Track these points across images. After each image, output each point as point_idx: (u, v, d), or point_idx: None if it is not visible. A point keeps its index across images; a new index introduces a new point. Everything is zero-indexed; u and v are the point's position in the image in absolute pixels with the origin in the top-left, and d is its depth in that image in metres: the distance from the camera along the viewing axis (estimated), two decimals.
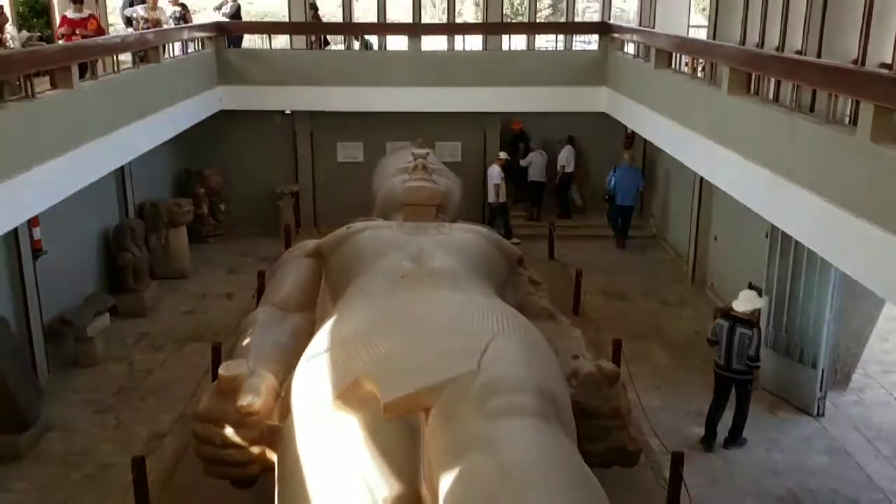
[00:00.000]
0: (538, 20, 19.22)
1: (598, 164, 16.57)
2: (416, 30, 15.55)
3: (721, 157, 8.81)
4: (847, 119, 6.85)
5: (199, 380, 9.18)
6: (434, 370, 4.95)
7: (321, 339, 5.98)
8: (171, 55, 12.39)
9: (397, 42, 16.31)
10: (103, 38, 10.81)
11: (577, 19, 19.04)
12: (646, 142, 15.78)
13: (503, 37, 15.98)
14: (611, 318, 12.04)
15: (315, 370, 5.64)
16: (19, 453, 8.39)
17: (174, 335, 11.47)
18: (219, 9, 15.60)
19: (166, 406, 9.44)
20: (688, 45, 11.30)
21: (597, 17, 19.85)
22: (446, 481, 4.08)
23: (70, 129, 8.44)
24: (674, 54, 11.49)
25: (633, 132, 15.74)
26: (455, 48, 15.88)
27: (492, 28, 16.27)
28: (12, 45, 9.32)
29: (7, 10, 11.48)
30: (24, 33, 9.63)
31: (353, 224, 8.80)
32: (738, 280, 11.69)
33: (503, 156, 15.68)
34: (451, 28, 16.88)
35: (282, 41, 16.80)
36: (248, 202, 16.11)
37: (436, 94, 14.74)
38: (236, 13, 15.74)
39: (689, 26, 16.02)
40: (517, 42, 16.47)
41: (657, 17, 16.21)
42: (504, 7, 17.19)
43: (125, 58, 10.98)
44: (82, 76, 9.08)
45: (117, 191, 12.67)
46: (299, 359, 6.06)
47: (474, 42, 16.68)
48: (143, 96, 10.68)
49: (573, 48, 17.11)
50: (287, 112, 15.74)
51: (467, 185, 12.42)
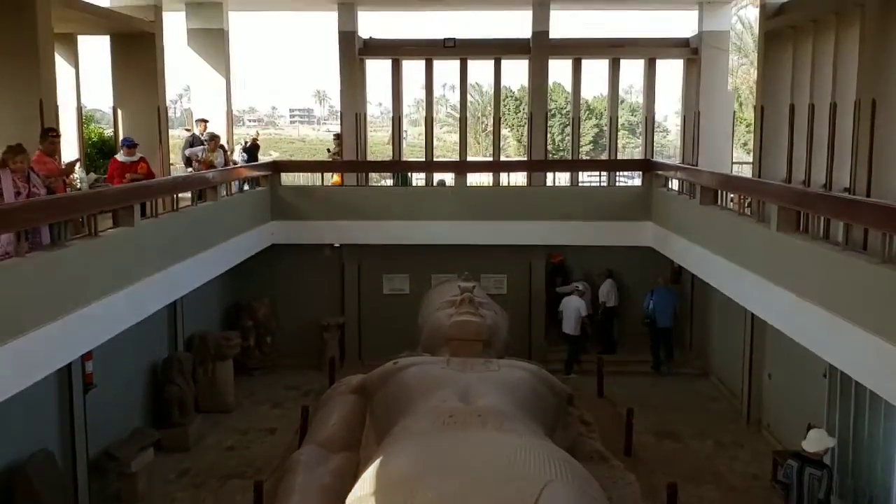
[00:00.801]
0: (580, 156, 19.64)
1: (639, 297, 16.37)
2: (462, 168, 16.03)
3: (773, 294, 8.69)
4: None
5: None
6: None
7: (366, 482, 5.83)
8: (228, 192, 12.87)
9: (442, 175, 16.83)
10: (163, 178, 11.31)
11: (617, 154, 19.47)
12: (693, 277, 15.68)
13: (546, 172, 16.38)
14: (664, 459, 11.57)
15: None
16: None
17: (216, 472, 11.30)
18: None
19: None
20: (734, 183, 11.42)
21: (637, 153, 20.27)
22: None
23: (129, 265, 8.71)
24: (719, 191, 11.58)
25: (679, 267, 15.70)
26: (500, 183, 16.25)
27: (537, 165, 16.69)
28: (80, 187, 9.79)
29: (77, 153, 12.15)
30: (92, 175, 10.13)
31: (398, 359, 8.76)
32: (795, 421, 11.25)
33: (582, 287, 15.63)
34: (496, 165, 17.38)
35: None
36: (295, 334, 16.23)
37: (481, 227, 15.01)
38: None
39: (732, 162, 16.26)
40: (560, 177, 16.82)
41: (700, 153, 16.53)
42: (546, 143, 17.66)
43: (184, 195, 11.47)
44: (143, 215, 9.44)
45: (168, 323, 12.89)
46: (344, 501, 5.89)
47: (518, 177, 17.09)
48: (200, 233, 11.04)
49: (616, 183, 17.39)
50: (336, 245, 16.09)
51: (513, 319, 12.38)
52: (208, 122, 14.64)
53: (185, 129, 18.99)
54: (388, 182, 17.83)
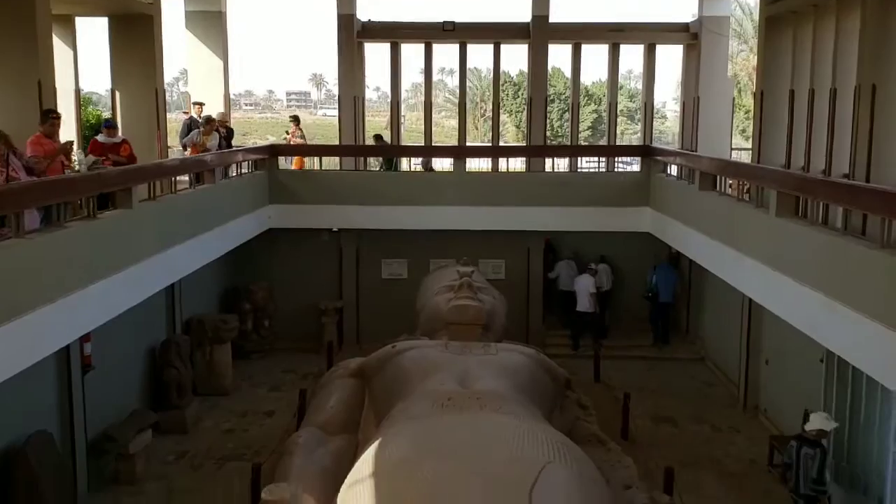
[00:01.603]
0: (579, 142, 19.61)
1: (633, 283, 16.48)
2: (462, 152, 15.99)
3: (771, 280, 8.70)
4: None
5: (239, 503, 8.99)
6: (484, 501, 4.79)
7: (365, 464, 5.85)
8: (226, 176, 12.83)
9: (442, 162, 16.78)
10: (163, 160, 11.26)
11: (616, 140, 19.46)
12: (690, 262, 15.70)
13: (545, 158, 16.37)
14: (660, 444, 11.62)
15: (358, 497, 5.49)
16: None
17: (214, 454, 11.33)
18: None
19: None
20: (733, 168, 11.41)
21: (635, 139, 20.24)
22: None
23: (127, 247, 8.69)
24: (718, 177, 11.57)
25: (677, 252, 15.71)
26: (499, 169, 16.23)
27: (536, 151, 16.67)
28: (78, 169, 9.74)
29: (74, 135, 12.09)
30: (90, 157, 10.06)
31: (397, 343, 8.78)
32: (793, 406, 11.30)
33: (594, 266, 15.82)
34: (496, 151, 17.35)
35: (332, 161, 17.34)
36: (293, 318, 16.24)
37: (480, 213, 14.99)
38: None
39: (731, 149, 16.25)
40: (559, 163, 16.80)
41: (698, 139, 16.51)
42: (545, 129, 17.63)
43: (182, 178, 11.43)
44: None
45: (166, 307, 12.88)
46: (342, 483, 5.91)
47: (517, 163, 17.07)
48: (198, 216, 11.02)
49: (615, 170, 17.38)
50: (334, 230, 16.07)
51: (511, 303, 12.39)
52: (204, 105, 14.57)
53: (184, 113, 18.92)
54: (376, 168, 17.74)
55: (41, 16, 10.14)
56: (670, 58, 18.82)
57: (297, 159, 16.41)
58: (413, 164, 17.25)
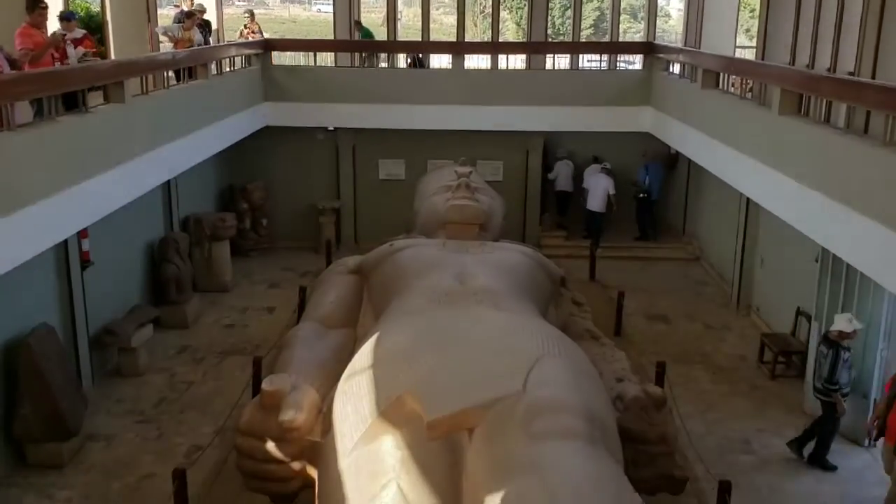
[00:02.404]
0: (580, 40, 19.10)
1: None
2: (460, 48, 15.62)
3: (770, 180, 8.66)
4: None
5: (240, 393, 9.21)
6: (479, 390, 4.89)
7: (363, 355, 5.95)
8: (219, 71, 12.57)
9: (440, 60, 16.39)
10: (154, 54, 11.01)
11: (619, 39, 18.98)
12: (689, 162, 15.61)
13: (546, 56, 15.99)
14: (653, 340, 11.86)
15: (357, 387, 5.60)
16: (62, 461, 8.49)
17: (215, 348, 11.56)
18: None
19: (207, 419, 9.49)
20: (737, 66, 11.18)
21: (639, 38, 19.74)
22: (491, 502, 4.01)
23: (121, 143, 8.60)
24: (721, 75, 11.36)
25: (677, 153, 15.60)
26: (498, 67, 15.89)
27: (536, 47, 16.28)
28: (69, 62, 9.51)
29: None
30: (80, 50, 9.79)
31: (395, 242, 8.79)
32: (784, 305, 11.47)
33: (608, 165, 15.78)
34: (495, 47, 16.92)
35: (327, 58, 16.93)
36: (290, 217, 16.24)
37: (478, 112, 14.78)
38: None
39: (735, 47, 15.88)
40: (560, 61, 16.45)
41: (703, 37, 16.10)
42: (546, 26, 17.17)
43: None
44: None
45: (163, 205, 12.85)
46: (341, 375, 6.03)
47: (517, 61, 16.69)
48: (191, 112, 10.86)
49: (617, 68, 17.02)
50: (330, 129, 15.87)
51: (509, 205, 12.36)
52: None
53: (174, 6, 18.34)
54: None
55: None
56: None
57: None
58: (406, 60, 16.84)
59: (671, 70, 13.92)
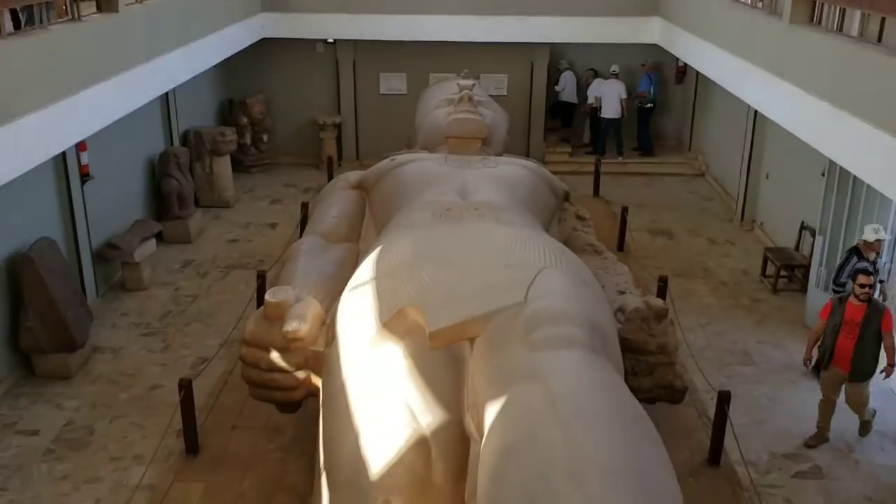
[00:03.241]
0: None
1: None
2: None
3: (780, 91, 8.48)
4: None
5: (244, 306, 9.28)
6: (481, 300, 4.90)
7: (366, 268, 5.94)
8: None
9: None
10: None
11: None
12: (697, 77, 15.32)
13: None
14: (656, 256, 11.87)
15: (360, 299, 5.62)
16: (69, 373, 8.63)
17: (219, 262, 11.60)
18: None
19: (212, 331, 9.60)
20: None
21: None
22: (492, 410, 4.05)
23: (116, 53, 8.41)
24: None
25: (685, 65, 15.29)
26: None
27: None
28: None
29: None
30: None
31: (396, 156, 8.69)
32: (789, 219, 11.43)
33: (617, 69, 15.51)
34: None
35: None
36: (291, 133, 16.06)
37: (482, 23, 14.40)
38: None
39: None
40: None
41: None
42: None
43: None
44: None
45: (162, 119, 12.69)
46: (344, 287, 6.04)
47: None
48: (188, 22, 10.59)
49: None
50: (329, 41, 15.52)
51: (513, 120, 12.19)
52: None
53: None
54: None
55: None
56: None
57: None
58: None
59: None
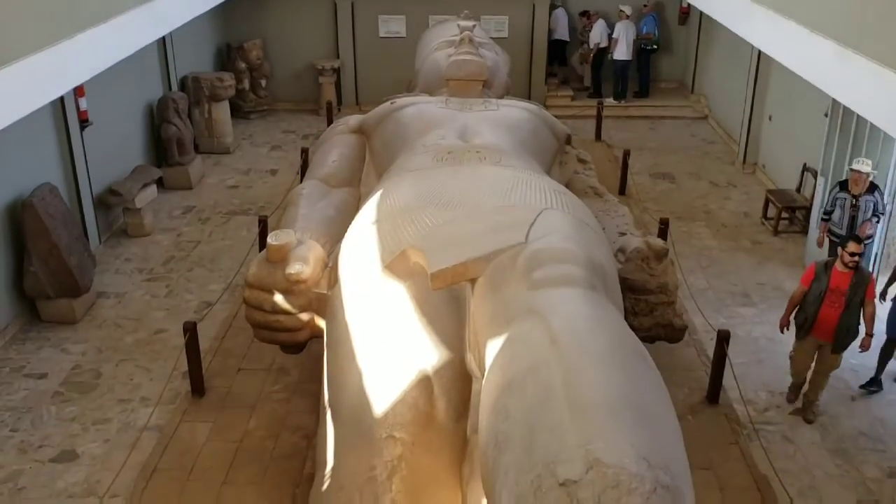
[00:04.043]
0: None
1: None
2: None
3: (783, 29, 8.35)
4: None
5: (247, 251, 9.33)
6: (482, 242, 4.91)
7: (367, 212, 5.96)
8: None
9: None
10: None
11: None
12: (700, 19, 15.10)
13: None
14: (657, 199, 11.87)
15: (362, 241, 5.64)
16: (75, 317, 8.71)
17: (220, 208, 11.61)
18: None
19: (215, 276, 9.67)
20: None
21: None
22: (492, 347, 4.10)
23: None
24: None
25: (688, 6, 15.06)
26: None
27: None
28: None
29: None
30: None
31: (396, 99, 8.63)
32: (791, 161, 11.39)
33: (629, 10, 15.31)
34: None
35: None
36: (289, 78, 15.91)
37: None
38: None
39: None
40: None
41: None
42: None
43: None
44: None
45: (160, 64, 12.56)
46: (346, 231, 6.07)
47: None
48: None
49: None
50: None
51: (514, 63, 12.05)
52: None
53: None
54: None
55: None
56: None
57: None
58: None
59: None
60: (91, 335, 8.55)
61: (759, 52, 11.66)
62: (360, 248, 5.61)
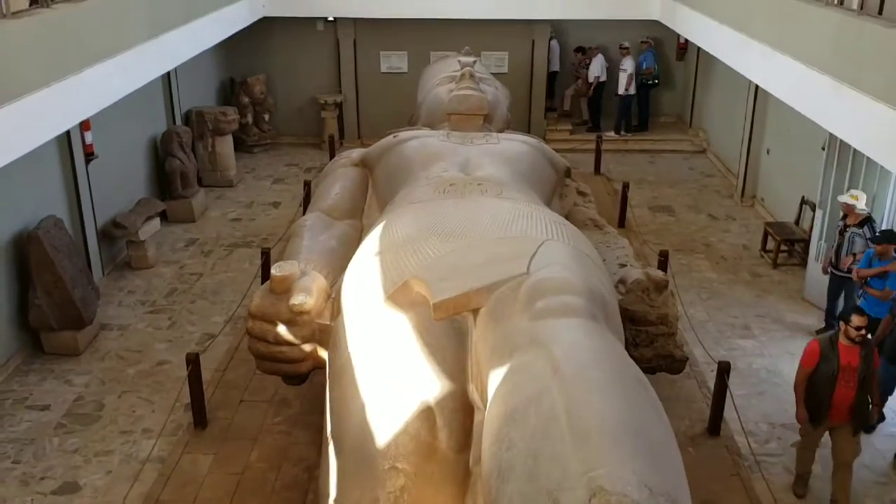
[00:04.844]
0: None
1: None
2: None
3: (780, 65, 8.50)
4: None
5: (249, 283, 9.37)
6: (484, 272, 4.96)
7: (370, 243, 6.02)
8: None
9: None
10: None
11: None
12: (698, 54, 15.32)
13: None
14: (657, 231, 11.94)
15: (365, 272, 5.69)
16: (78, 349, 8.73)
17: (223, 241, 11.68)
18: None
19: (217, 308, 9.70)
20: None
21: None
22: (495, 377, 4.13)
23: (118, 31, 8.45)
24: None
25: (686, 42, 15.29)
26: None
27: None
28: None
29: None
30: None
31: (398, 133, 8.74)
32: (789, 194, 11.48)
33: (628, 45, 15.64)
34: None
35: None
36: (293, 112, 16.09)
37: (482, 0, 14.38)
38: None
39: None
40: None
41: None
42: None
43: None
44: None
45: (164, 98, 12.72)
46: (348, 262, 6.12)
47: None
48: (189, 0, 10.60)
49: None
50: (330, 19, 15.50)
51: (514, 97, 12.22)
52: None
53: None
54: None
55: None
56: None
57: None
58: None
59: None
60: (94, 367, 8.57)
61: (757, 86, 11.82)
62: (362, 279, 5.66)
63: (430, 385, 4.75)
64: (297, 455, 6.83)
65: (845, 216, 8.70)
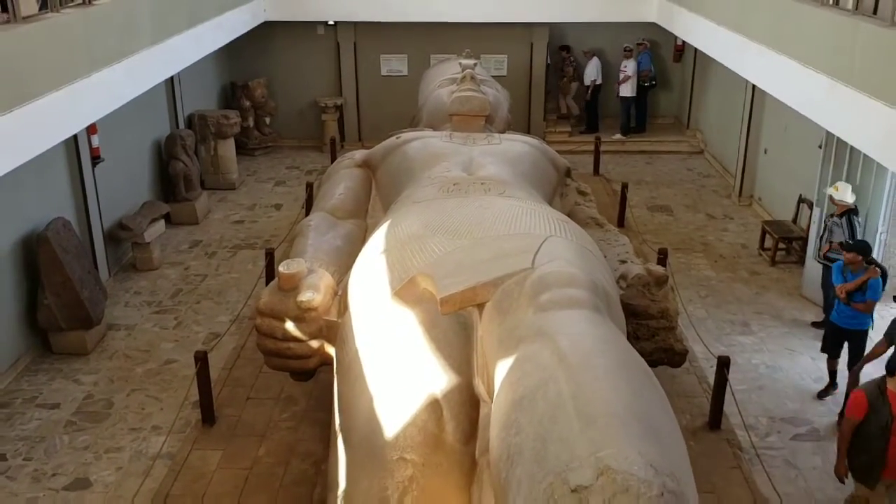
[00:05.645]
0: None
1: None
2: None
3: (777, 64, 8.62)
4: None
5: (253, 284, 9.49)
6: (489, 267, 5.07)
7: (376, 241, 6.12)
8: None
9: None
10: None
11: None
12: (695, 56, 15.45)
13: None
14: (655, 231, 12.06)
15: (371, 270, 5.80)
16: (86, 349, 8.84)
17: (226, 243, 11.79)
18: None
19: (222, 308, 9.81)
20: None
21: None
22: (502, 368, 4.24)
23: (125, 37, 8.55)
24: None
25: (683, 44, 15.42)
26: None
27: None
28: None
29: None
30: None
31: (401, 134, 8.85)
32: (787, 193, 11.61)
33: (631, 46, 15.76)
34: None
35: None
36: (294, 115, 16.20)
37: (482, 3, 14.51)
38: None
39: None
40: None
41: None
42: None
43: None
44: None
45: (167, 102, 12.84)
46: (354, 260, 6.23)
47: None
48: (193, 6, 10.72)
49: None
50: (330, 23, 15.63)
51: (515, 99, 12.34)
52: None
53: None
54: None
55: None
56: None
57: None
58: None
59: None
60: (102, 366, 8.67)
61: (754, 87, 11.95)
62: (369, 276, 5.77)
63: (437, 378, 4.86)
64: (305, 450, 6.93)
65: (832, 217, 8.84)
